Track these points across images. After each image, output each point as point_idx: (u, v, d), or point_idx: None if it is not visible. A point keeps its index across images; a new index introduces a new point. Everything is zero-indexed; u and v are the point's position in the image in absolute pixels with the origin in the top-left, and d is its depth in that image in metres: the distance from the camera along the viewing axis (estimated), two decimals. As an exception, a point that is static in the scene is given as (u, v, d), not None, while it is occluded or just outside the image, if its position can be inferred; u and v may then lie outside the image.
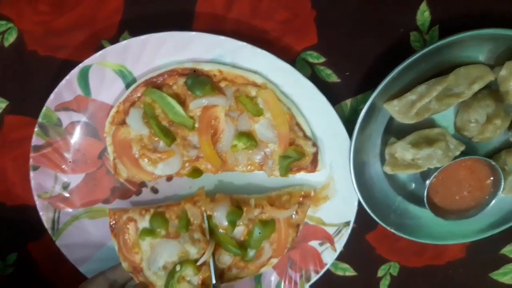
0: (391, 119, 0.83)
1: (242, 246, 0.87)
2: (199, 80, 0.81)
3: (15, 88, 0.88)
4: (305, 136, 0.84)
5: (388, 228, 0.86)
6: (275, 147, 0.85)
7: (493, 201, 0.84)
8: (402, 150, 0.81)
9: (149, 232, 0.85)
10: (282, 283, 0.92)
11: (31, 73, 0.87)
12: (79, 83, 0.83)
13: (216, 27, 0.84)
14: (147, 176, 0.86)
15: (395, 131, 0.84)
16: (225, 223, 0.85)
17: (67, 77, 0.82)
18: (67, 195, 0.88)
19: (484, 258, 0.96)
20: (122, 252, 0.86)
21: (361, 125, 0.79)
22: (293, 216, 0.88)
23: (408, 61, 0.75)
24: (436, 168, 0.82)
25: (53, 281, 0.94)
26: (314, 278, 0.91)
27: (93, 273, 0.87)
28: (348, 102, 0.87)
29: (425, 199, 0.83)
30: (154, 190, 0.91)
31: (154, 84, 0.82)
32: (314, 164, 0.86)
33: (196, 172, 0.87)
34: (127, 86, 0.84)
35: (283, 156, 0.84)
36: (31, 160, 0.85)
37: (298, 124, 0.84)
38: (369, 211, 0.84)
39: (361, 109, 0.79)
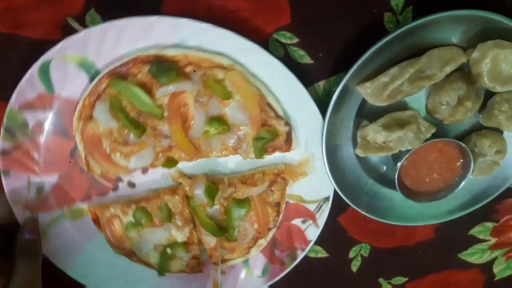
0: (363, 102, 0.83)
1: (222, 226, 0.89)
2: (163, 66, 0.78)
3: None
4: (277, 116, 0.83)
5: (360, 211, 0.86)
6: (248, 129, 0.83)
7: (463, 183, 0.85)
8: (374, 132, 0.81)
9: (134, 225, 0.87)
10: (269, 264, 0.92)
11: (-7, 52, 0.83)
12: (41, 80, 0.80)
13: (187, 6, 0.82)
14: (121, 171, 0.85)
15: (367, 114, 0.84)
16: (204, 200, 0.85)
17: (27, 75, 0.78)
18: (42, 197, 0.86)
19: (453, 239, 0.98)
20: (111, 242, 0.88)
21: (333, 107, 0.79)
22: (270, 195, 0.88)
23: (380, 43, 0.74)
24: (407, 151, 0.82)
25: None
26: (300, 256, 0.91)
27: (84, 275, 0.90)
28: (321, 83, 0.87)
29: (395, 181, 0.84)
30: (131, 184, 0.89)
31: (119, 74, 0.79)
32: (288, 143, 0.85)
33: (170, 162, 0.86)
34: (92, 79, 0.81)
35: (256, 138, 0.83)
36: (0, 166, 0.82)
37: (269, 105, 0.83)
38: (341, 193, 0.84)
39: (334, 91, 0.78)
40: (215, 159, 0.88)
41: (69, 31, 0.82)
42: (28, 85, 0.80)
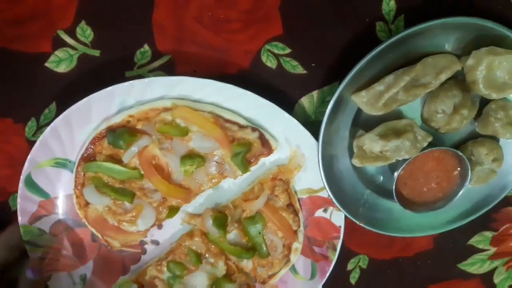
0: (358, 112, 0.82)
1: (248, 247, 0.89)
2: (116, 134, 0.81)
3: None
4: (241, 127, 0.83)
5: (357, 222, 0.85)
6: (221, 152, 0.84)
7: (461, 192, 0.84)
8: (371, 142, 0.80)
9: (174, 278, 0.89)
10: (315, 263, 0.91)
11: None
12: (32, 192, 0.85)
13: (177, 16, 0.81)
14: (136, 236, 0.88)
15: (362, 124, 0.83)
16: (217, 231, 0.86)
17: (19, 191, 0.83)
18: (89, 284, 0.90)
19: (452, 249, 0.96)
20: None
21: (328, 117, 0.78)
22: (277, 200, 0.88)
23: (374, 52, 0.74)
24: (404, 161, 0.81)
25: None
26: (339, 244, 0.89)
27: None
28: (315, 93, 0.86)
29: (393, 191, 0.83)
30: (155, 243, 0.92)
31: (88, 158, 0.84)
32: (267, 146, 0.85)
33: (172, 211, 0.88)
34: (72, 171, 0.85)
35: (233, 156, 0.84)
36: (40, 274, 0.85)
37: (228, 121, 0.83)
38: (338, 205, 0.83)
39: (328, 101, 0.77)
40: (214, 190, 0.89)
41: (59, 43, 0.82)
42: (25, 200, 0.84)
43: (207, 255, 0.89)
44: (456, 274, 0.98)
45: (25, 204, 0.84)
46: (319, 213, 0.90)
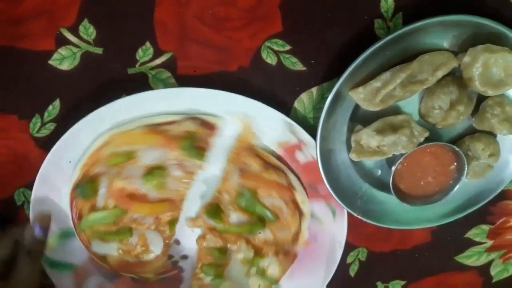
0: (356, 107, 0.83)
1: (255, 220, 0.91)
2: (80, 189, 0.85)
3: (-23, 81, 0.85)
4: (177, 122, 0.84)
5: (355, 215, 0.87)
6: (173, 154, 0.86)
7: (457, 186, 0.86)
8: (368, 137, 0.81)
9: (214, 279, 0.92)
10: (328, 203, 0.90)
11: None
12: (60, 271, 0.89)
13: (179, 15, 0.82)
14: (161, 261, 0.91)
15: (360, 119, 0.84)
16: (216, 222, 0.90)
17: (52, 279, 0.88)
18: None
19: (450, 242, 0.98)
20: None
21: (326, 112, 0.79)
22: (250, 166, 0.88)
23: (371, 49, 0.75)
24: (401, 155, 0.83)
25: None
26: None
27: None
28: (314, 90, 0.87)
29: (390, 185, 0.84)
30: (184, 257, 0.94)
31: (79, 218, 0.87)
32: (209, 127, 0.85)
33: (172, 225, 0.90)
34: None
35: (183, 151, 0.86)
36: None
37: (161, 124, 0.84)
38: (336, 197, 0.85)
39: (327, 97, 0.78)
40: (196, 188, 0.90)
41: (63, 41, 0.83)
42: (59, 280, 0.88)
43: (228, 245, 0.91)
44: (453, 267, 1.00)
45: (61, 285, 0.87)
46: (299, 156, 0.89)
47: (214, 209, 0.88)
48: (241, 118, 0.86)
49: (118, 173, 0.85)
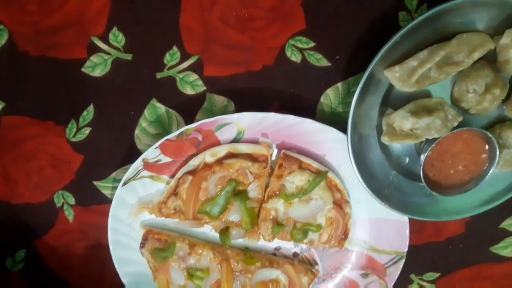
0: (387, 92, 0.82)
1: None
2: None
3: (10, 89, 0.89)
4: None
5: (382, 203, 0.85)
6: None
7: (489, 174, 0.83)
8: (401, 119, 0.80)
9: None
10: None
11: (25, 74, 0.88)
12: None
13: (203, 18, 0.84)
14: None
15: (391, 103, 0.83)
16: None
17: None
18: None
19: (484, 233, 0.96)
20: None
21: (359, 96, 0.78)
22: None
23: (407, 27, 0.73)
24: (433, 141, 0.80)
25: (62, 272, 0.96)
26: None
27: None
28: (340, 85, 0.88)
29: (421, 171, 0.82)
30: None
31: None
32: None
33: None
34: None
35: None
36: None
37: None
38: (364, 185, 0.83)
39: (353, 91, 0.79)
40: None
41: (94, 49, 0.86)
42: None
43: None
44: (488, 258, 0.98)
45: None
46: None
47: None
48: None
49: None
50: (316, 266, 0.94)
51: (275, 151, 0.87)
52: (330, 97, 0.88)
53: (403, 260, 0.90)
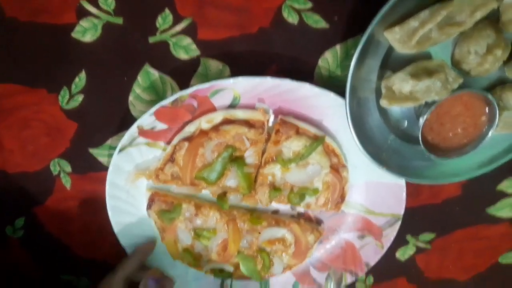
0: (386, 55, 0.80)
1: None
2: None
3: (0, 56, 0.87)
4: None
5: (380, 167, 0.85)
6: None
7: (489, 136, 0.83)
8: (401, 81, 0.79)
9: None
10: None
11: (14, 40, 0.86)
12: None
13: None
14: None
15: (391, 66, 0.81)
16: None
17: None
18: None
19: (481, 195, 0.97)
20: None
21: (358, 58, 0.76)
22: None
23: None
24: (432, 104, 0.80)
25: (62, 237, 0.97)
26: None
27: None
28: (338, 47, 0.85)
29: (419, 135, 0.81)
30: None
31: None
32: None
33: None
34: None
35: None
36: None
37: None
38: (361, 148, 0.83)
39: (352, 54, 0.77)
40: None
41: (83, 13, 0.83)
42: None
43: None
44: (485, 219, 0.99)
45: None
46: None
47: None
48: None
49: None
50: (322, 224, 0.95)
51: (272, 117, 0.86)
52: (328, 60, 0.86)
53: (400, 222, 0.91)
